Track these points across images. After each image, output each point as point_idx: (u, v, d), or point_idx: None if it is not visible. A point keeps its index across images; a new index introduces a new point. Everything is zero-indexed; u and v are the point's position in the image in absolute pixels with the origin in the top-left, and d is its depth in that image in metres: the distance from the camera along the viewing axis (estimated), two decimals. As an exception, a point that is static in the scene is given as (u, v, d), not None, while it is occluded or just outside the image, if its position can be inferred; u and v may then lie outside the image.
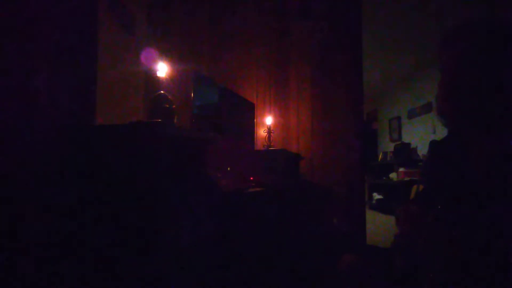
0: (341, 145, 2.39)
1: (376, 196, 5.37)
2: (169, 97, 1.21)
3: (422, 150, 4.78)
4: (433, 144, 0.86)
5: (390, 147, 5.76)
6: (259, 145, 2.32)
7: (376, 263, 0.82)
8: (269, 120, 2.26)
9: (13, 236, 0.87)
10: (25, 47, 0.91)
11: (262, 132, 2.31)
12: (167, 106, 1.18)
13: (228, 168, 1.60)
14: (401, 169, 4.63)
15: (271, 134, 2.24)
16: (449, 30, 0.72)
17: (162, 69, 1.26)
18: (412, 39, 3.97)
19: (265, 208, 1.50)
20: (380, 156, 5.90)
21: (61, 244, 0.94)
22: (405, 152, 4.92)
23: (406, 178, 4.39)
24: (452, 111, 0.71)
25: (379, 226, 3.74)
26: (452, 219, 0.66)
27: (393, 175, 4.92)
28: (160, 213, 0.92)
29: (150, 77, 1.56)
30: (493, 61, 0.66)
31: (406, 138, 5.50)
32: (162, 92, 1.20)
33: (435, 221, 0.69)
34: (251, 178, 1.64)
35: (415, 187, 3.74)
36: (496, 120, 0.67)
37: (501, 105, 0.66)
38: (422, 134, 4.99)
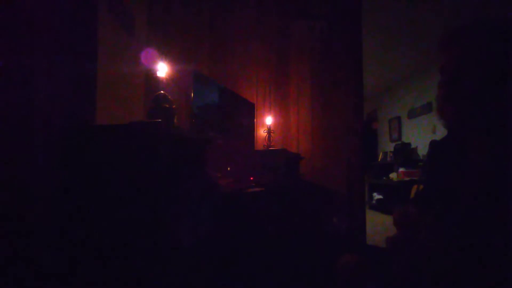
0: (341, 145, 2.39)
1: (376, 196, 5.37)
2: (169, 97, 1.21)
3: (422, 150, 4.78)
4: (433, 144, 0.86)
5: (390, 147, 5.76)
6: (259, 145, 2.32)
7: (376, 263, 0.82)
8: (269, 120, 2.26)
9: (14, 236, 0.87)
10: (25, 47, 0.91)
11: (262, 132, 2.31)
12: (167, 106, 1.18)
13: (228, 168, 1.60)
14: (401, 169, 4.63)
15: (271, 134, 2.24)
16: (449, 31, 0.72)
17: (162, 69, 1.26)
18: (413, 39, 3.97)
19: (265, 208, 1.50)
20: (380, 156, 5.90)
21: (61, 244, 0.94)
22: (405, 152, 4.92)
23: (406, 178, 4.39)
24: (452, 112, 0.71)
25: (379, 226, 3.74)
26: (451, 219, 0.66)
27: (393, 175, 4.92)
28: (160, 213, 0.92)
29: (150, 77, 1.56)
30: (493, 62, 0.65)
31: (406, 138, 5.49)
32: (162, 92, 1.20)
33: (434, 221, 0.69)
34: (251, 178, 1.64)
35: (415, 187, 3.74)
36: (496, 120, 0.67)
37: (501, 106, 0.66)
38: (422, 134, 4.99)
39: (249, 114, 2.17)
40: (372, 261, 0.82)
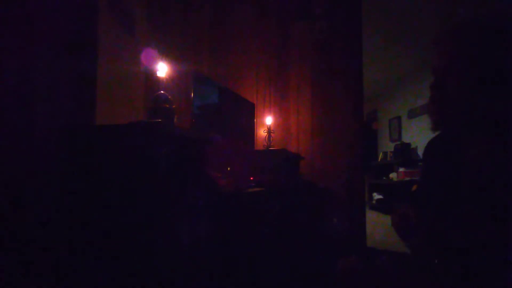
0: (341, 145, 2.39)
1: (376, 196, 5.37)
2: (169, 97, 1.21)
3: (422, 150, 4.77)
4: (428, 143, 0.87)
5: (390, 147, 5.76)
6: (259, 145, 2.32)
7: (376, 265, 0.82)
8: (269, 120, 2.26)
9: (14, 235, 0.87)
10: (25, 47, 0.91)
11: (262, 132, 2.31)
12: (167, 106, 1.18)
13: (228, 168, 1.60)
14: (401, 169, 4.63)
15: (271, 134, 2.24)
16: (438, 33, 0.73)
17: (162, 69, 1.26)
18: (413, 39, 3.97)
19: (265, 208, 1.50)
20: (380, 156, 5.90)
21: (61, 243, 0.94)
22: (405, 152, 4.92)
23: (406, 178, 4.39)
24: (440, 113, 0.71)
25: (379, 227, 3.73)
26: (449, 219, 0.66)
27: (393, 175, 4.92)
28: (160, 213, 0.92)
29: (150, 77, 1.55)
30: (479, 62, 0.65)
31: (406, 138, 5.49)
32: (162, 92, 1.20)
33: (430, 222, 0.69)
34: (251, 178, 1.64)
35: (415, 187, 3.74)
36: (484, 120, 0.66)
37: (489, 105, 0.65)
38: (422, 134, 4.99)
39: (249, 114, 2.17)
40: (372, 263, 0.82)
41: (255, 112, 2.28)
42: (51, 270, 0.92)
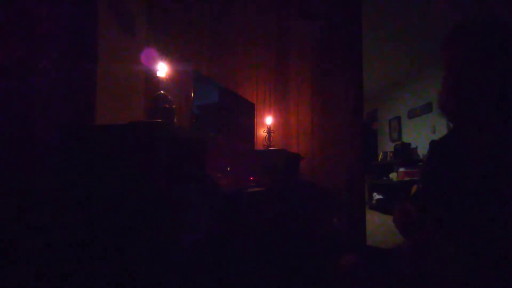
0: (341, 145, 2.38)
1: (376, 196, 5.36)
2: (169, 97, 1.21)
3: (422, 150, 4.78)
4: (433, 144, 0.86)
5: (390, 147, 5.76)
6: (259, 145, 2.32)
7: (376, 263, 0.82)
8: (269, 120, 2.26)
9: (13, 235, 0.87)
10: (25, 47, 0.91)
11: (262, 132, 2.31)
12: (167, 106, 1.18)
13: (228, 168, 1.60)
14: (401, 169, 4.63)
15: (271, 134, 2.24)
16: (454, 28, 0.73)
17: (162, 69, 1.26)
18: (412, 39, 3.97)
19: (265, 208, 1.50)
20: (380, 156, 5.90)
21: (61, 243, 0.94)
22: (405, 152, 4.92)
23: (406, 178, 4.39)
24: (457, 107, 0.72)
25: (379, 226, 3.73)
26: (453, 220, 0.66)
27: (393, 175, 4.92)
28: (160, 213, 0.92)
29: (150, 77, 1.56)
30: (499, 59, 0.66)
31: (406, 138, 5.49)
32: (162, 92, 1.20)
33: (436, 223, 0.69)
34: (251, 178, 1.64)
35: (415, 187, 3.74)
36: (501, 116, 0.67)
37: (507, 102, 0.66)
38: (422, 134, 4.99)
39: (249, 114, 2.17)
40: (372, 261, 0.82)
41: (255, 112, 2.28)
42: (51, 269, 0.92)
